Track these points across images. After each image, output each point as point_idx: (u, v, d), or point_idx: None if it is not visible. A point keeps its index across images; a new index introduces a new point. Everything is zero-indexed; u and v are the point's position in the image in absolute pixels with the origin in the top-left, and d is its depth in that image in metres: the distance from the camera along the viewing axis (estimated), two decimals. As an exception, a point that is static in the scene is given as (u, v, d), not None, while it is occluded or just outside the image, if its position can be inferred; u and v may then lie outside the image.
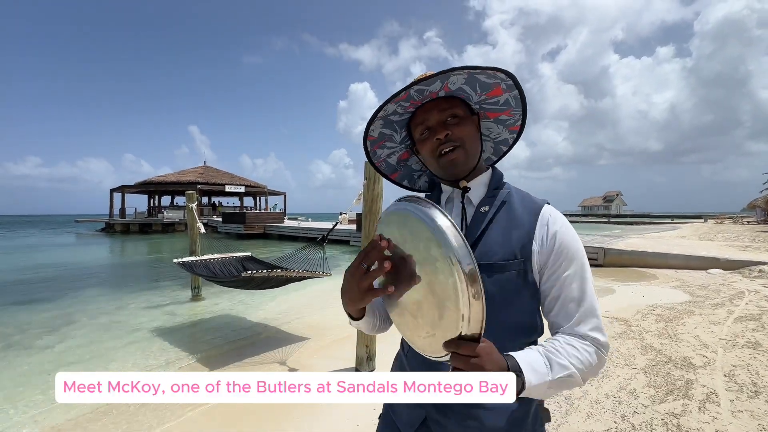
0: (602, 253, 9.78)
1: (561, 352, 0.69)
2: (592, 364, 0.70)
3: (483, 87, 0.80)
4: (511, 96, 0.82)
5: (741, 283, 6.55)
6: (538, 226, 0.78)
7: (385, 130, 0.89)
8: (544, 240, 0.76)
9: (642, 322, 4.49)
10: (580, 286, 0.74)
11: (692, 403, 2.56)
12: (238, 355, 4.17)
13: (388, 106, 0.80)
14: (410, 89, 0.76)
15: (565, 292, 0.74)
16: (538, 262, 0.76)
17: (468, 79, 0.77)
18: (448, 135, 0.80)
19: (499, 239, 0.78)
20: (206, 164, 36.89)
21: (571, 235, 0.77)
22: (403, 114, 0.86)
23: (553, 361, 0.68)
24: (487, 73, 0.76)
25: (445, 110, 0.81)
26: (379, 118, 0.84)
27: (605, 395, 2.71)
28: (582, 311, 0.73)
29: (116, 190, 31.58)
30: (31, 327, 5.41)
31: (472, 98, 0.83)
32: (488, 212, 0.80)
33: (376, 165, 0.97)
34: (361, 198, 3.54)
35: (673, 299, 5.61)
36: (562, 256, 0.75)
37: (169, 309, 6.36)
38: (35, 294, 7.73)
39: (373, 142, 0.91)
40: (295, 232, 20.93)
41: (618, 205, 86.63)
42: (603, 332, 0.73)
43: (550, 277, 0.76)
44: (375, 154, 0.94)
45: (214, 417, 2.79)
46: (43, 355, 4.33)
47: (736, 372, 3.00)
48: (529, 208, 0.81)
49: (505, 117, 0.88)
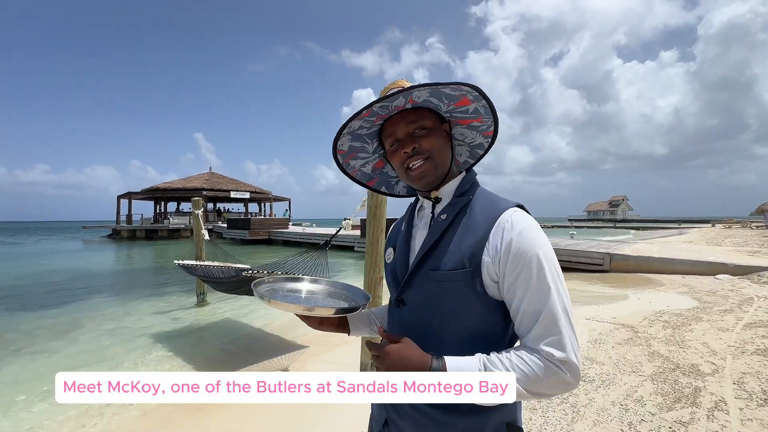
0: (608, 258, 9.70)
1: (502, 361, 0.66)
2: (540, 378, 0.65)
3: (449, 98, 0.80)
4: (480, 105, 0.82)
5: (750, 289, 6.46)
6: (492, 234, 0.73)
7: (355, 143, 0.90)
8: (498, 248, 0.71)
9: (649, 328, 4.43)
10: (538, 296, 0.68)
11: (700, 411, 2.51)
12: (242, 361, 4.18)
13: (353, 122, 0.81)
14: (373, 106, 0.77)
15: (523, 303, 0.69)
16: (491, 271, 0.72)
17: (432, 92, 0.76)
18: (416, 148, 0.80)
19: (451, 248, 0.77)
20: (212, 171, 37.22)
21: (530, 240, 0.70)
22: (371, 127, 0.86)
23: (487, 366, 0.66)
24: (451, 86, 0.75)
25: (412, 122, 0.81)
26: (345, 134, 0.85)
27: (612, 403, 2.67)
28: (539, 324, 0.67)
29: (123, 196, 31.92)
30: (40, 332, 5.46)
31: (441, 108, 0.83)
32: (445, 220, 0.81)
33: (350, 175, 0.97)
34: (365, 204, 3.55)
35: (681, 305, 5.54)
36: (519, 265, 0.69)
37: (174, 315, 6.39)
38: (43, 299, 7.81)
39: (345, 155, 0.92)
40: (299, 237, 20.96)
41: (624, 210, 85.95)
42: (562, 347, 0.65)
43: (510, 288, 0.71)
44: (348, 165, 0.95)
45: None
46: (50, 360, 4.36)
47: (745, 379, 2.95)
48: (487, 214, 0.77)
49: (477, 123, 0.87)
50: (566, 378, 0.65)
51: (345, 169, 0.96)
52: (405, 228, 0.91)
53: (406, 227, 0.91)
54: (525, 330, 0.70)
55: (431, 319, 0.78)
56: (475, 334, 0.75)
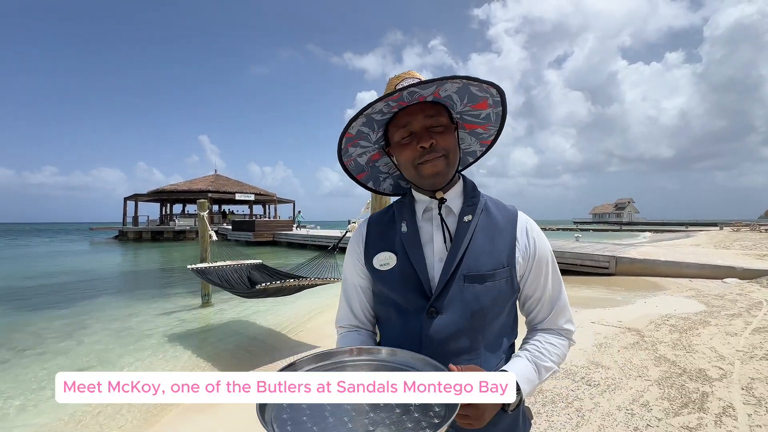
0: (614, 261, 9.61)
1: (545, 354, 0.78)
2: (566, 354, 0.82)
3: (471, 99, 0.79)
4: (494, 111, 0.82)
5: (759, 293, 6.37)
6: (519, 234, 0.82)
7: (364, 129, 0.83)
8: (527, 247, 0.81)
9: (655, 332, 4.38)
10: (556, 285, 0.83)
11: (708, 417, 2.48)
12: (248, 362, 4.19)
13: (378, 104, 0.76)
14: (404, 91, 0.72)
15: (546, 293, 0.82)
16: (522, 267, 0.81)
17: (460, 88, 0.75)
18: (433, 144, 0.77)
19: (486, 248, 0.78)
20: (217, 173, 37.46)
21: (545, 240, 0.84)
22: (387, 114, 0.81)
23: (540, 366, 0.77)
24: (481, 86, 0.75)
25: (431, 116, 0.78)
26: (364, 115, 0.78)
27: (617, 407, 2.64)
28: (558, 307, 0.83)
29: (130, 198, 32.22)
30: (46, 332, 5.52)
31: (456, 107, 0.82)
32: (471, 221, 0.80)
33: (345, 164, 0.90)
34: (369, 206, 3.56)
35: (688, 309, 5.47)
36: (542, 262, 0.82)
37: (179, 316, 6.42)
38: (50, 300, 7.89)
39: (350, 139, 0.85)
40: (303, 239, 21.01)
41: (630, 213, 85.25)
42: (573, 322, 0.85)
43: (534, 281, 0.82)
44: (347, 151, 0.88)
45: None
46: (57, 360, 4.39)
47: (754, 385, 2.90)
48: (505, 215, 0.84)
49: (481, 131, 0.87)
50: (573, 344, 0.85)
51: (342, 156, 0.88)
52: (408, 229, 0.83)
53: (410, 228, 0.83)
54: (544, 314, 0.83)
55: (475, 323, 0.76)
56: (504, 326, 0.83)
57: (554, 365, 0.78)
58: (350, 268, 0.91)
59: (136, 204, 32.36)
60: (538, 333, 0.84)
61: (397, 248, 0.82)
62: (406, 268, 0.79)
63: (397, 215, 0.87)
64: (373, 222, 0.92)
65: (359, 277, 0.89)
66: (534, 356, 0.77)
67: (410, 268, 0.78)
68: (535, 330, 0.85)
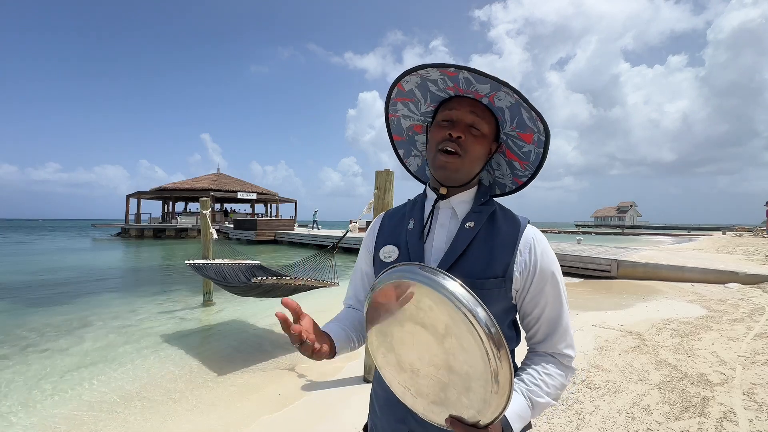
0: (615, 265, 9.59)
1: (541, 388, 0.75)
2: (564, 385, 0.78)
3: (520, 125, 0.78)
4: (535, 151, 0.81)
5: (761, 298, 6.34)
6: (522, 248, 0.79)
7: (417, 92, 0.84)
8: (527, 263, 0.78)
9: (656, 336, 4.37)
10: (557, 307, 0.80)
11: (708, 422, 2.47)
12: (249, 360, 4.20)
13: (434, 72, 0.76)
14: (463, 71, 0.72)
15: (545, 313, 0.80)
16: (517, 282, 0.78)
17: (513, 105, 0.75)
18: (460, 138, 0.78)
19: (483, 257, 0.78)
20: (219, 171, 37.55)
21: (551, 258, 0.80)
22: (439, 91, 0.82)
23: (534, 402, 0.74)
24: (531, 114, 0.75)
25: (475, 114, 0.79)
26: (419, 74, 0.79)
27: (618, 411, 2.64)
28: (559, 331, 0.80)
29: (132, 195, 32.33)
30: (47, 329, 5.53)
31: (505, 126, 0.82)
32: (473, 228, 0.80)
33: (389, 116, 0.92)
34: (372, 207, 3.57)
35: (690, 313, 5.46)
36: (543, 281, 0.78)
37: (180, 314, 6.44)
38: (52, 296, 7.91)
39: (401, 92, 0.85)
40: (305, 239, 21.04)
41: (632, 216, 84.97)
42: (574, 347, 0.81)
43: (533, 299, 0.80)
44: (395, 105, 0.89)
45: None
46: (57, 358, 4.41)
47: (755, 390, 2.90)
48: (512, 227, 0.81)
49: (517, 165, 0.86)
50: (574, 371, 0.81)
51: (389, 105, 0.90)
52: (414, 226, 0.85)
53: (416, 226, 0.85)
54: (542, 336, 0.81)
55: None
56: None
57: (550, 400, 0.75)
58: (362, 256, 0.98)
59: (138, 201, 32.47)
60: (537, 358, 0.81)
61: (401, 243, 0.86)
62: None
63: (408, 212, 0.90)
64: (388, 216, 0.96)
65: (367, 265, 0.95)
66: (530, 391, 0.75)
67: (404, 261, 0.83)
68: (535, 353, 0.82)
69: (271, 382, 3.62)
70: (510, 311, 0.82)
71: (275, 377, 3.73)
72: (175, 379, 3.74)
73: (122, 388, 3.55)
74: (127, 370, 4.02)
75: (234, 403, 3.19)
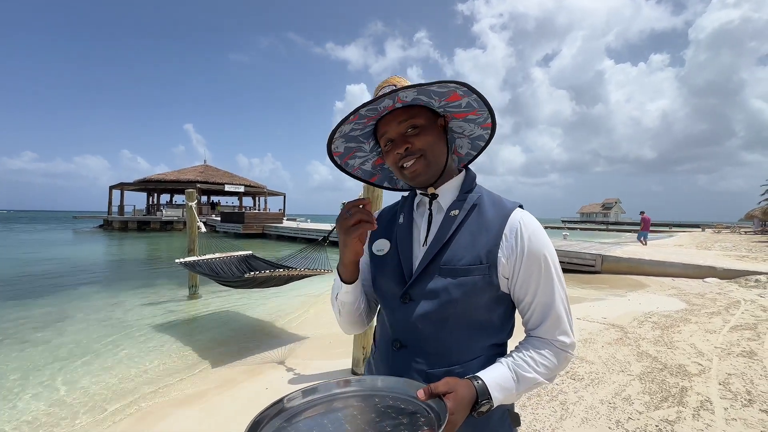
0: (600, 259, 9.79)
1: (529, 364, 0.75)
2: (557, 365, 0.77)
3: (438, 95, 0.78)
4: (471, 99, 0.80)
5: (737, 293, 6.57)
6: (507, 232, 0.78)
7: (350, 144, 0.88)
8: (514, 248, 0.77)
9: (638, 329, 4.49)
10: (550, 291, 0.77)
11: (686, 411, 2.56)
12: (237, 353, 4.16)
13: (343, 127, 0.80)
14: (360, 111, 0.76)
15: (537, 298, 0.78)
16: (505, 269, 0.77)
17: (419, 91, 0.75)
18: (408, 148, 0.79)
19: (467, 243, 0.78)
20: (206, 163, 36.90)
21: (541, 241, 0.77)
22: (364, 128, 0.85)
23: (520, 375, 0.74)
24: (436, 84, 0.73)
25: (404, 121, 0.80)
26: (337, 138, 0.83)
27: (600, 401, 2.70)
28: (551, 316, 0.77)
29: (115, 187, 31.53)
30: (28, 322, 5.40)
31: (433, 104, 0.81)
32: (457, 216, 0.81)
33: (352, 173, 0.96)
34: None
35: (670, 307, 5.62)
36: (533, 265, 0.76)
37: (166, 306, 6.35)
38: (32, 289, 7.71)
39: (341, 155, 0.91)
40: (293, 232, 20.90)
41: (617, 213, 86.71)
42: (569, 334, 0.78)
43: (523, 285, 0.78)
44: (348, 164, 0.94)
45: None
46: (37, 350, 4.31)
47: (730, 380, 3.01)
48: (499, 212, 0.80)
49: (473, 116, 0.86)
50: (571, 356, 0.79)
51: (345, 168, 0.94)
52: (404, 221, 0.89)
53: (406, 220, 0.89)
54: (535, 322, 0.79)
55: (444, 313, 0.78)
56: (484, 323, 0.80)
57: (538, 376, 0.74)
58: None
59: (122, 193, 31.69)
60: (530, 340, 0.80)
61: (392, 237, 0.89)
62: (393, 256, 0.86)
63: (399, 208, 0.94)
64: (383, 212, 0.99)
65: (365, 256, 0.96)
66: (516, 365, 0.75)
67: (396, 256, 0.85)
68: (529, 337, 0.81)
69: (258, 375, 3.59)
70: (500, 301, 0.80)
71: (263, 370, 3.70)
72: (159, 373, 3.69)
73: (104, 382, 3.48)
74: (110, 363, 3.95)
75: (221, 396, 3.16)
